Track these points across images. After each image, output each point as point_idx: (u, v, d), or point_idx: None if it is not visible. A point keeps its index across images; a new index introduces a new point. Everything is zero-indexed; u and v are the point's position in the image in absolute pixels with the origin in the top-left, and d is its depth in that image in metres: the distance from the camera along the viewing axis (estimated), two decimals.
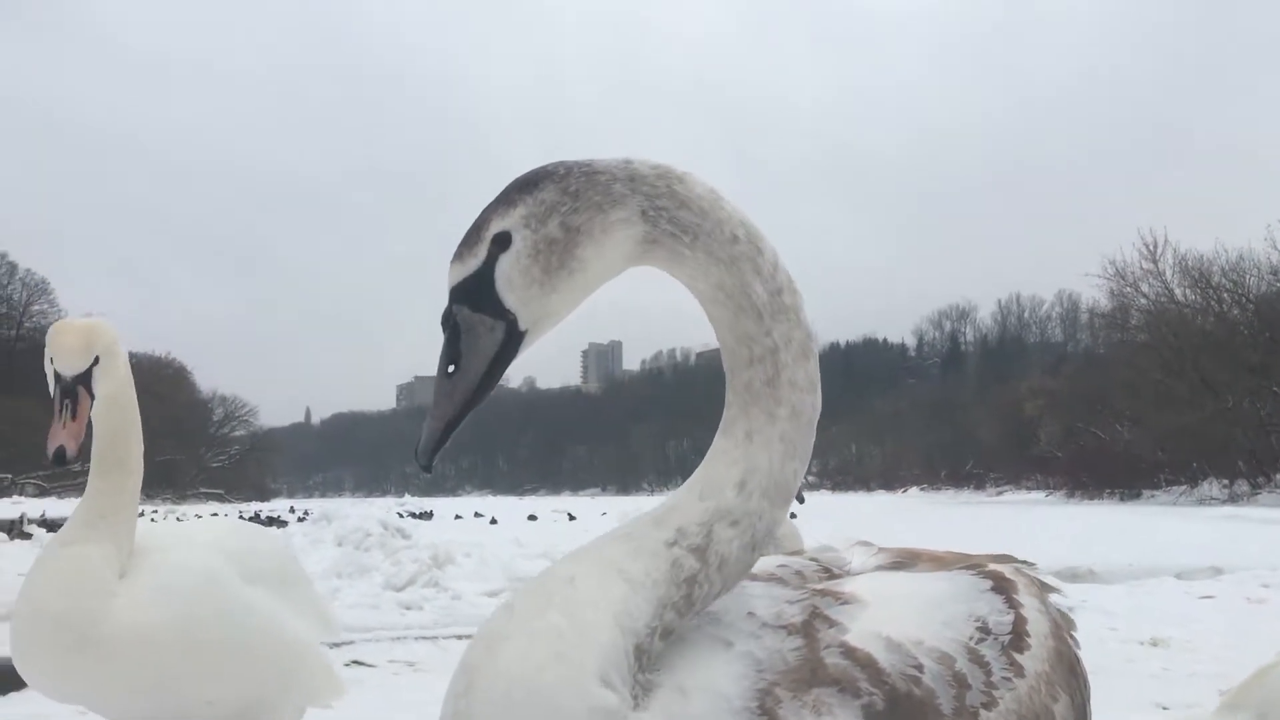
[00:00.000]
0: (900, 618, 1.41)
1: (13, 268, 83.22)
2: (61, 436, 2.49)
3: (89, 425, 2.61)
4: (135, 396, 2.74)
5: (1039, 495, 60.44)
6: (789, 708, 1.27)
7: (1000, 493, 69.87)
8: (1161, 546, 16.48)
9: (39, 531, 24.17)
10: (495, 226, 1.36)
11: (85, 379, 2.53)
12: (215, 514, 36.31)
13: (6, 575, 11.52)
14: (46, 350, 2.56)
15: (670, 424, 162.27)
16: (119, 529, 2.64)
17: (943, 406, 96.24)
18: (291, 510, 30.00)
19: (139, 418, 2.73)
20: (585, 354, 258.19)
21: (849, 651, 1.34)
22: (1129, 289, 56.07)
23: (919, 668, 1.35)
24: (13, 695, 5.61)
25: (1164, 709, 5.32)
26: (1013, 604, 1.51)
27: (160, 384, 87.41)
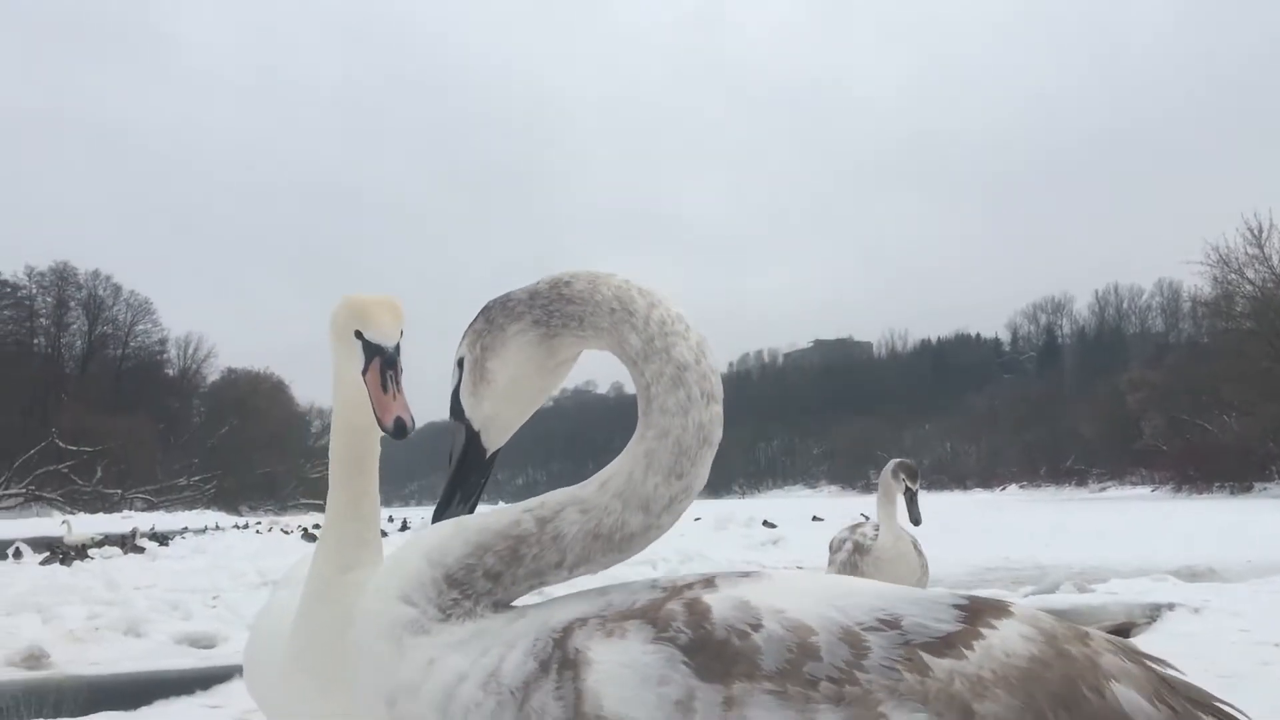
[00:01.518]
0: (784, 594, 1.42)
1: (117, 289, 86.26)
2: (396, 408, 2.34)
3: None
4: None
5: (1144, 490, 58.82)
6: (586, 630, 1.40)
7: (1103, 489, 68.15)
8: (1277, 540, 15.89)
9: (151, 545, 24.98)
10: (458, 353, 1.79)
11: (399, 351, 2.43)
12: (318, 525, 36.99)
13: (123, 589, 11.90)
14: (347, 320, 2.42)
15: (759, 426, 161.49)
16: (376, 543, 2.57)
17: (1040, 401, 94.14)
18: (390, 519, 30.52)
19: None
20: None
21: (691, 603, 1.40)
22: (1233, 275, 54.37)
23: (756, 626, 1.36)
24: (143, 709, 5.74)
25: None
26: (973, 622, 1.42)
27: (258, 398, 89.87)
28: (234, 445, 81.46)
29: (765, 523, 26.66)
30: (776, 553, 17.24)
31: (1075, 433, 78.14)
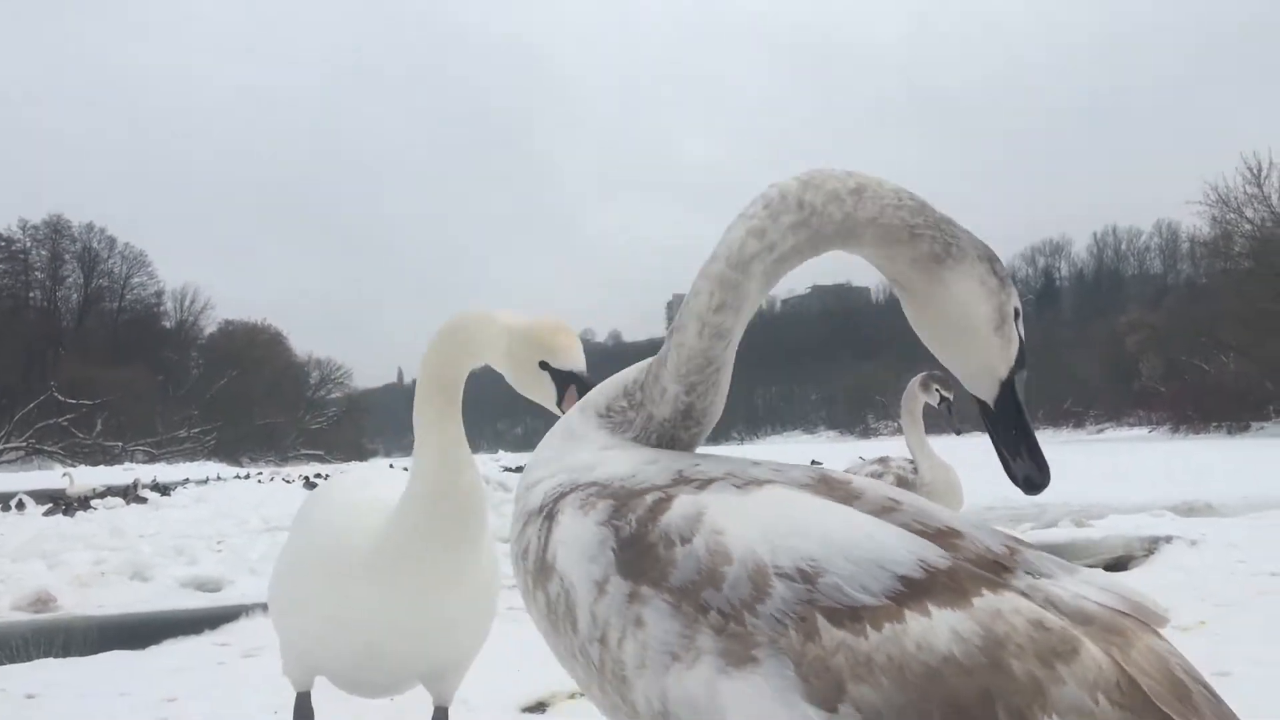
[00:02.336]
0: (738, 516, 1.41)
1: (111, 242, 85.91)
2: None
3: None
4: None
5: (1141, 431, 59.04)
6: (573, 497, 1.55)
7: (1101, 430, 68.41)
8: (1277, 478, 15.98)
9: (153, 495, 25.10)
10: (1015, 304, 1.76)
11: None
12: (322, 473, 37.17)
13: (128, 536, 11.97)
14: (530, 353, 2.53)
15: (759, 373, 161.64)
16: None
17: (1038, 344, 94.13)
18: (391, 467, 30.67)
19: None
20: (670, 305, 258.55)
21: (659, 501, 1.46)
22: (1232, 215, 54.24)
23: (686, 540, 1.39)
24: (152, 649, 5.79)
25: None
26: (908, 601, 1.29)
27: (257, 349, 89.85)
28: (233, 397, 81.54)
29: None
30: None
31: (1073, 375, 78.29)
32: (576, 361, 2.52)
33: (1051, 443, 57.50)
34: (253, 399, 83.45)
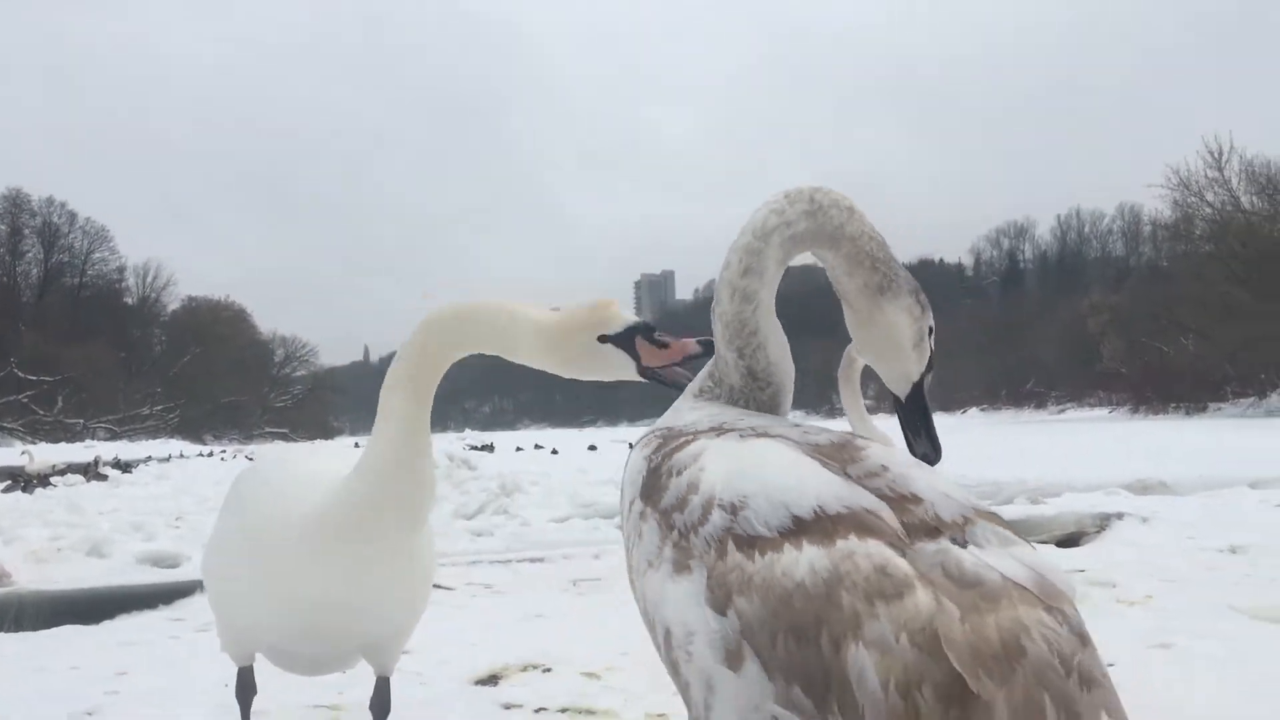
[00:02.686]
0: (723, 457, 1.74)
1: (72, 216, 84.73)
2: (679, 349, 2.48)
3: None
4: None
5: (1102, 412, 59.74)
6: (652, 434, 2.00)
7: (1062, 410, 69.17)
8: (1234, 458, 16.22)
9: (114, 473, 24.86)
10: (928, 323, 2.21)
11: (639, 326, 2.51)
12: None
13: (87, 513, 11.86)
14: (588, 337, 2.49)
15: None
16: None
17: (1001, 325, 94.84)
18: (356, 445, 30.58)
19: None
20: (638, 285, 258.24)
21: (685, 441, 1.84)
22: (1193, 199, 54.76)
23: (679, 473, 1.76)
24: (105, 623, 5.77)
25: (1240, 612, 5.24)
26: (792, 538, 1.57)
27: (220, 326, 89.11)
28: (197, 374, 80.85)
29: None
30: None
31: (1036, 356, 78.98)
32: (629, 319, 2.49)
33: (1013, 423, 58.21)
34: (216, 376, 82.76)
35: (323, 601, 2.67)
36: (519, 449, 34.12)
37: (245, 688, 3.02)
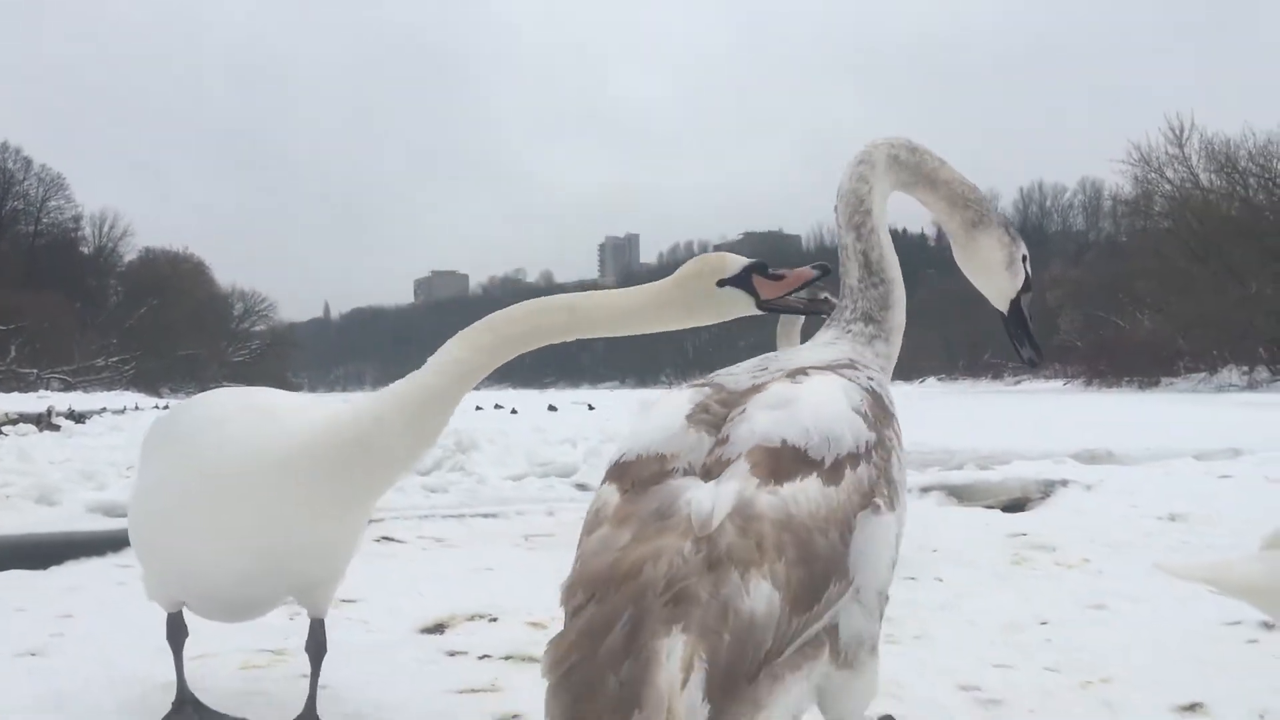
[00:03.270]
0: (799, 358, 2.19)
1: (27, 163, 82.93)
2: (794, 278, 2.67)
3: None
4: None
5: (1057, 384, 60.46)
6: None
7: (1018, 382, 69.86)
8: (1180, 430, 16.52)
9: (67, 423, 24.58)
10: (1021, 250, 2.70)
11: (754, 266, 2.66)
12: None
13: (37, 462, 11.75)
14: (709, 283, 2.63)
15: None
16: None
17: (962, 297, 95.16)
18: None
19: None
20: (602, 247, 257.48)
21: (800, 370, 2.08)
22: (1153, 175, 55.35)
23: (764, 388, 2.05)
24: (53, 569, 5.75)
25: (1183, 580, 5.37)
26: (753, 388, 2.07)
27: (179, 279, 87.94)
28: (154, 326, 79.84)
29: None
30: None
31: (994, 328, 79.36)
32: (740, 261, 2.66)
33: (969, 393, 58.82)
34: (174, 329, 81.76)
35: (282, 543, 2.68)
36: (478, 408, 34.07)
37: (176, 631, 3.03)
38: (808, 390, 1.97)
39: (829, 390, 1.98)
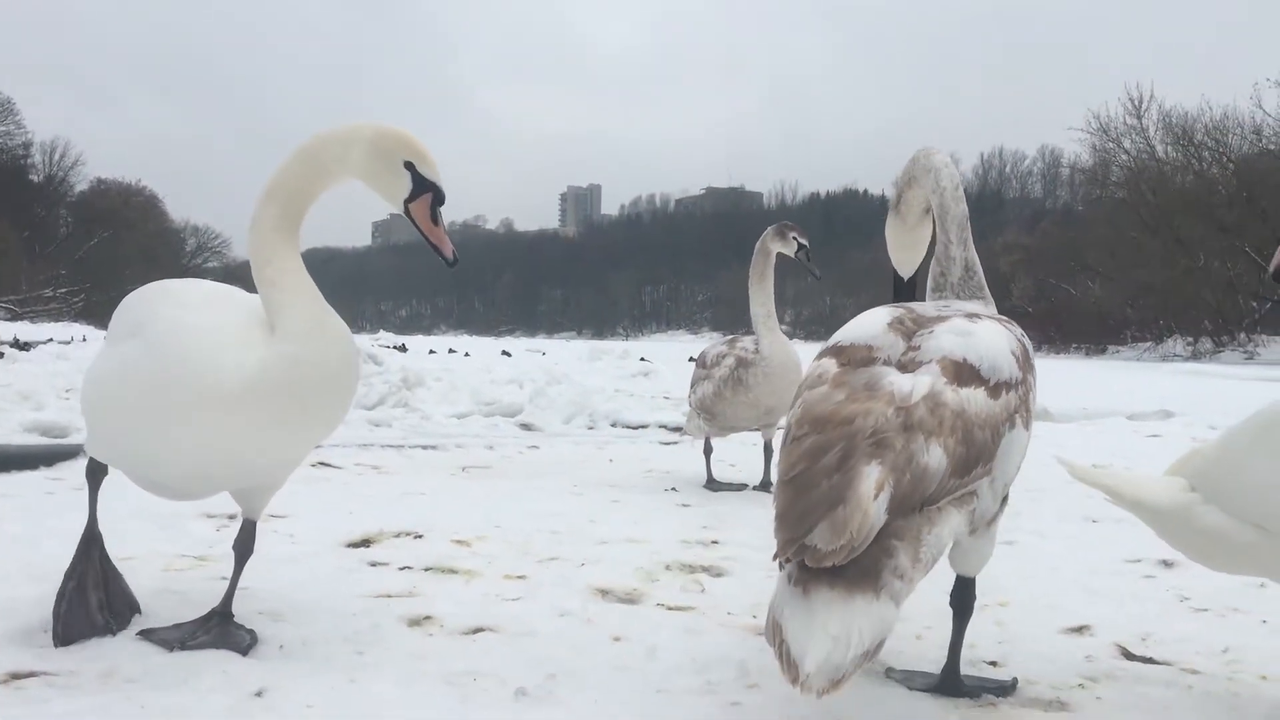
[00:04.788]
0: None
1: None
2: (442, 245, 2.78)
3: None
4: None
5: None
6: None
7: None
8: (1118, 393, 16.85)
9: (10, 351, 24.23)
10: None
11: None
12: None
13: None
14: (398, 149, 2.73)
15: (647, 270, 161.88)
16: None
17: (928, 257, 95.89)
18: None
19: None
20: (564, 197, 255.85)
21: (973, 314, 2.76)
22: (1111, 144, 55.86)
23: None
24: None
25: (1093, 521, 5.56)
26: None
27: (130, 211, 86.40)
28: (104, 259, 78.51)
29: (641, 358, 27.05)
30: (646, 383, 17.59)
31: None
32: (434, 173, 2.75)
33: None
34: (124, 262, 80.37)
35: (229, 457, 2.74)
36: (432, 351, 33.87)
37: (96, 471, 3.14)
38: (982, 329, 2.62)
39: (997, 333, 2.64)
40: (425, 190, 2.73)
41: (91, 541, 3.15)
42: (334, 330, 2.74)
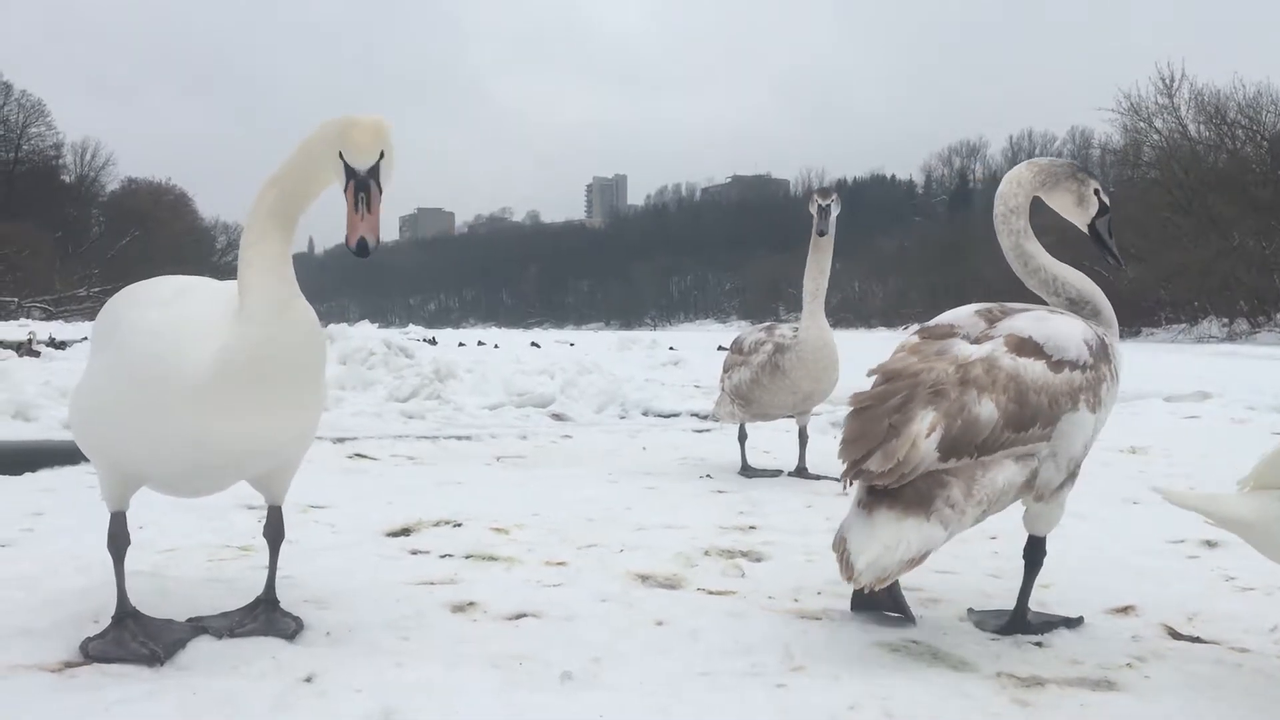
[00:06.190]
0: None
1: (7, 89, 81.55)
2: (362, 229, 2.59)
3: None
4: None
5: None
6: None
7: None
8: (1154, 375, 16.70)
9: (48, 350, 24.49)
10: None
11: (376, 173, 2.62)
12: None
13: (16, 380, 11.77)
14: (333, 140, 2.63)
15: (674, 260, 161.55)
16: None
17: (949, 244, 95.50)
18: None
19: None
20: (589, 188, 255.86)
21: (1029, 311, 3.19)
22: (1143, 124, 55.16)
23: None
24: (27, 475, 5.82)
25: (1134, 503, 5.52)
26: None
27: (161, 210, 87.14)
28: (136, 257, 79.08)
29: (670, 348, 27.07)
30: (676, 372, 17.63)
31: (980, 274, 79.80)
32: (359, 161, 2.61)
33: None
34: (156, 260, 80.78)
35: (209, 454, 2.71)
36: (462, 344, 34.03)
37: (119, 536, 2.93)
38: (1058, 318, 3.03)
39: (1071, 322, 3.04)
40: (349, 177, 2.63)
41: (123, 619, 2.88)
42: (296, 313, 2.70)
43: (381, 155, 2.63)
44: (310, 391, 2.80)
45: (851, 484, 2.80)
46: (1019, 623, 3.13)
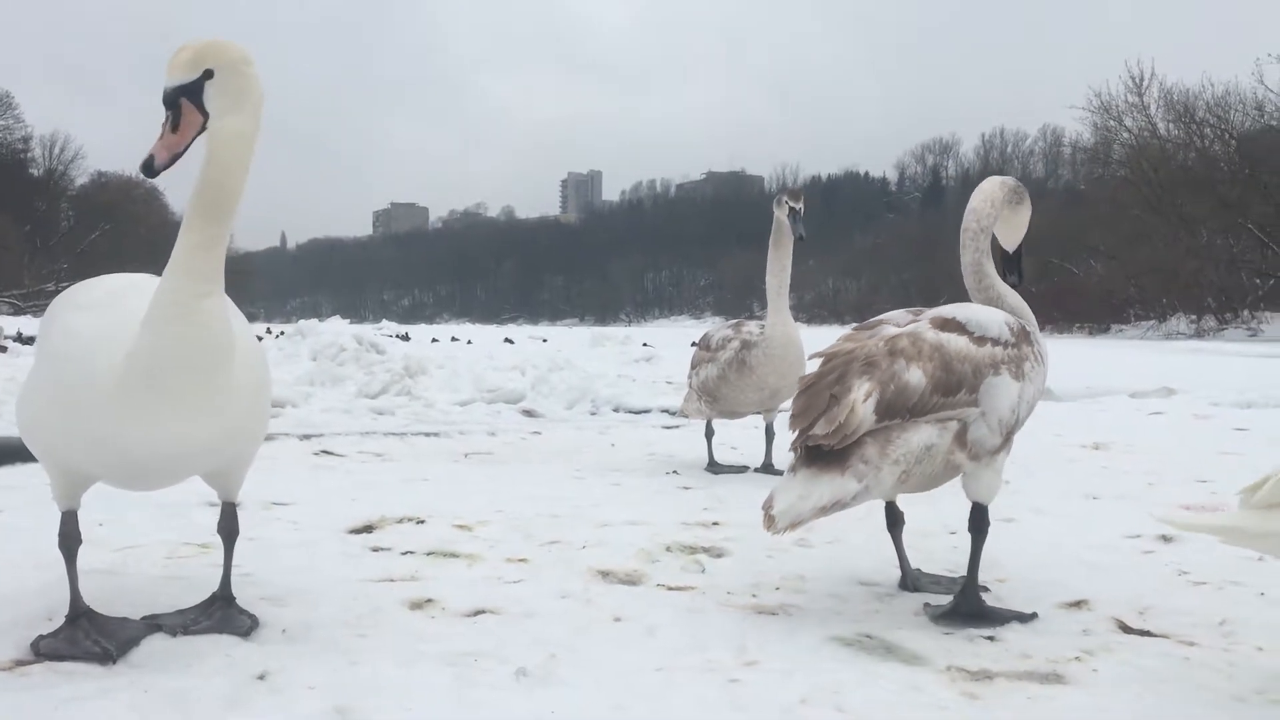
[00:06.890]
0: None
1: None
2: (155, 147, 2.44)
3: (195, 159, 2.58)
4: (256, 134, 2.66)
5: None
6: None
7: None
8: (1120, 372, 16.87)
9: (15, 345, 24.27)
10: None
11: (190, 93, 2.48)
12: None
13: None
14: (184, 61, 2.52)
15: (649, 256, 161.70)
16: (222, 277, 2.68)
17: (921, 241, 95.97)
18: (269, 331, 30.19)
19: (250, 160, 2.68)
20: (564, 184, 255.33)
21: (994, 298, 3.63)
22: (1113, 123, 55.67)
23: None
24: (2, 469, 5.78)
25: (1094, 498, 5.58)
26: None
27: (132, 204, 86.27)
28: (106, 252, 78.40)
29: (644, 344, 27.08)
30: (649, 369, 17.63)
31: (952, 272, 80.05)
32: (168, 76, 2.51)
33: None
34: (126, 255, 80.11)
35: (140, 452, 2.65)
36: (435, 340, 33.95)
37: (70, 536, 2.89)
38: (980, 306, 3.39)
39: (993, 310, 3.37)
40: (182, 96, 2.50)
41: (77, 619, 2.84)
42: (200, 315, 2.54)
43: (211, 75, 2.50)
44: (225, 394, 2.65)
45: (801, 452, 3.07)
46: (970, 592, 3.24)
